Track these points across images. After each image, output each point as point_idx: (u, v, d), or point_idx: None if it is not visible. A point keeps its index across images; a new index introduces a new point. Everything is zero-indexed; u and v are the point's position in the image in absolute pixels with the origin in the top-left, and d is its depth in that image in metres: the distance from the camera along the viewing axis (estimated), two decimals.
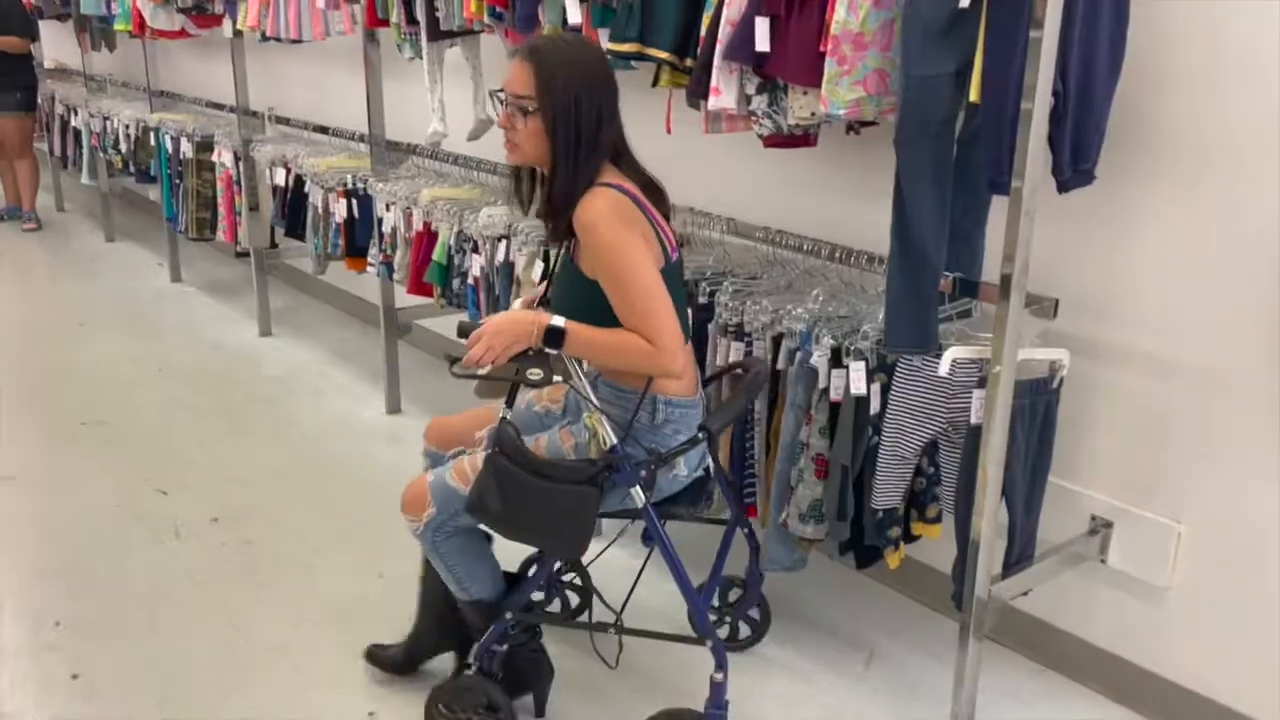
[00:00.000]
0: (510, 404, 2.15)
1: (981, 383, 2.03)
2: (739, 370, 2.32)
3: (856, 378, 2.19)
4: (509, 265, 3.18)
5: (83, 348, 4.62)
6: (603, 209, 1.92)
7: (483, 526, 2.10)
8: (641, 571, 2.36)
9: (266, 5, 3.93)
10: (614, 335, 1.94)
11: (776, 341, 2.36)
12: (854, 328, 2.25)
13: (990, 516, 2.02)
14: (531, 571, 2.40)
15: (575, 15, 2.55)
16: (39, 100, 6.76)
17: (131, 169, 5.76)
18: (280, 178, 4.33)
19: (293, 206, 4.30)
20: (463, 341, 1.96)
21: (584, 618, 2.57)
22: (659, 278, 1.94)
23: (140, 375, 4.30)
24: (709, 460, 2.17)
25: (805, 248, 2.46)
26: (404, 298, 3.78)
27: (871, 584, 2.82)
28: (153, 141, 5.34)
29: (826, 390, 2.24)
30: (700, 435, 2.05)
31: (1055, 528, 2.34)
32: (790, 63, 2.13)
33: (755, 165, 2.90)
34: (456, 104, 3.42)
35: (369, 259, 3.89)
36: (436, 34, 3.20)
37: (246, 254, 4.79)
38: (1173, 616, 2.27)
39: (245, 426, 3.81)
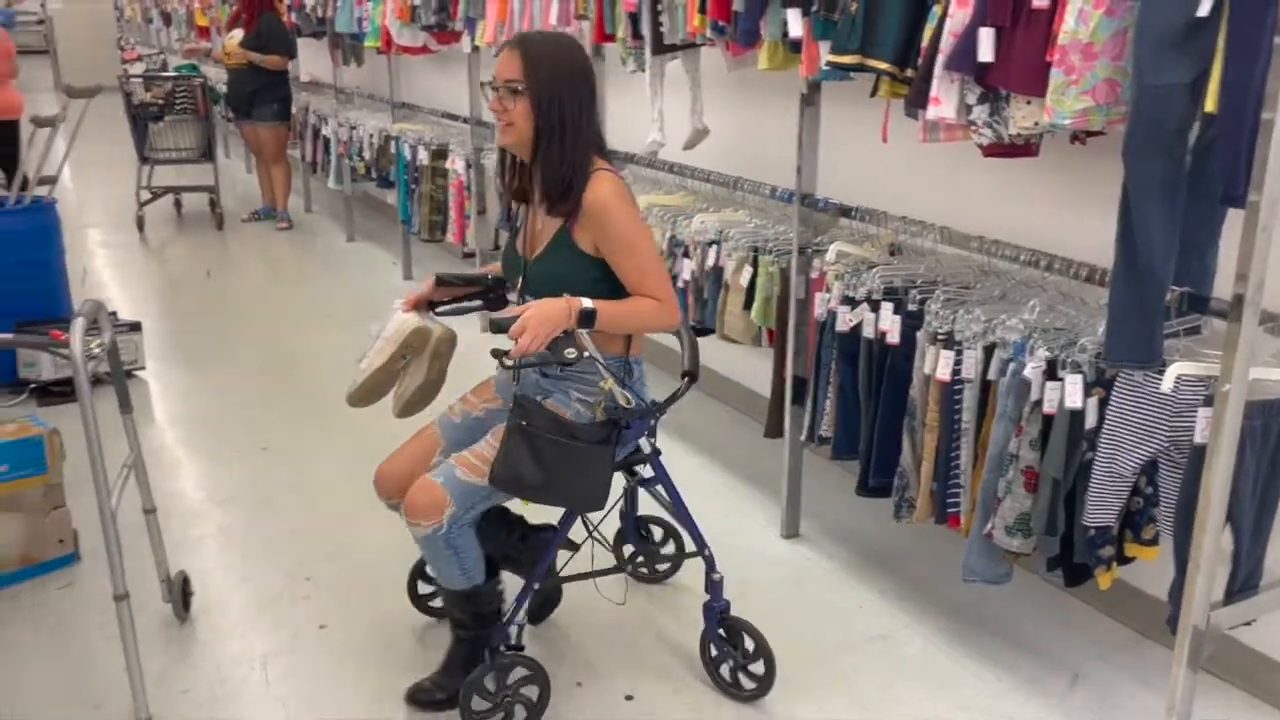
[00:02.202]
0: (517, 380, 2.28)
1: (1208, 401, 1.97)
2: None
3: (1072, 390, 2.16)
4: (718, 270, 3.29)
5: (327, 335, 5.08)
6: (612, 190, 2.15)
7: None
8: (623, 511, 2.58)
9: (503, 22, 4.21)
10: (631, 303, 2.17)
11: (988, 351, 2.36)
12: (1071, 340, 2.23)
13: (1212, 541, 1.95)
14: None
15: (797, 28, 2.63)
16: (293, 111, 7.43)
17: (373, 175, 6.27)
18: None
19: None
20: (500, 336, 2.09)
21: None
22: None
23: None
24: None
25: (1022, 258, 2.43)
26: None
27: (1078, 604, 2.75)
28: (393, 149, 5.80)
29: (1039, 402, 2.22)
30: (686, 381, 2.32)
31: None
32: (1014, 73, 2.13)
33: (970, 174, 2.88)
34: (674, 115, 3.57)
35: None
36: (660, 48, 3.35)
37: (473, 254, 5.13)
38: None
39: None
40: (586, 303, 2.09)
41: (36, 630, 2.66)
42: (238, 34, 7.04)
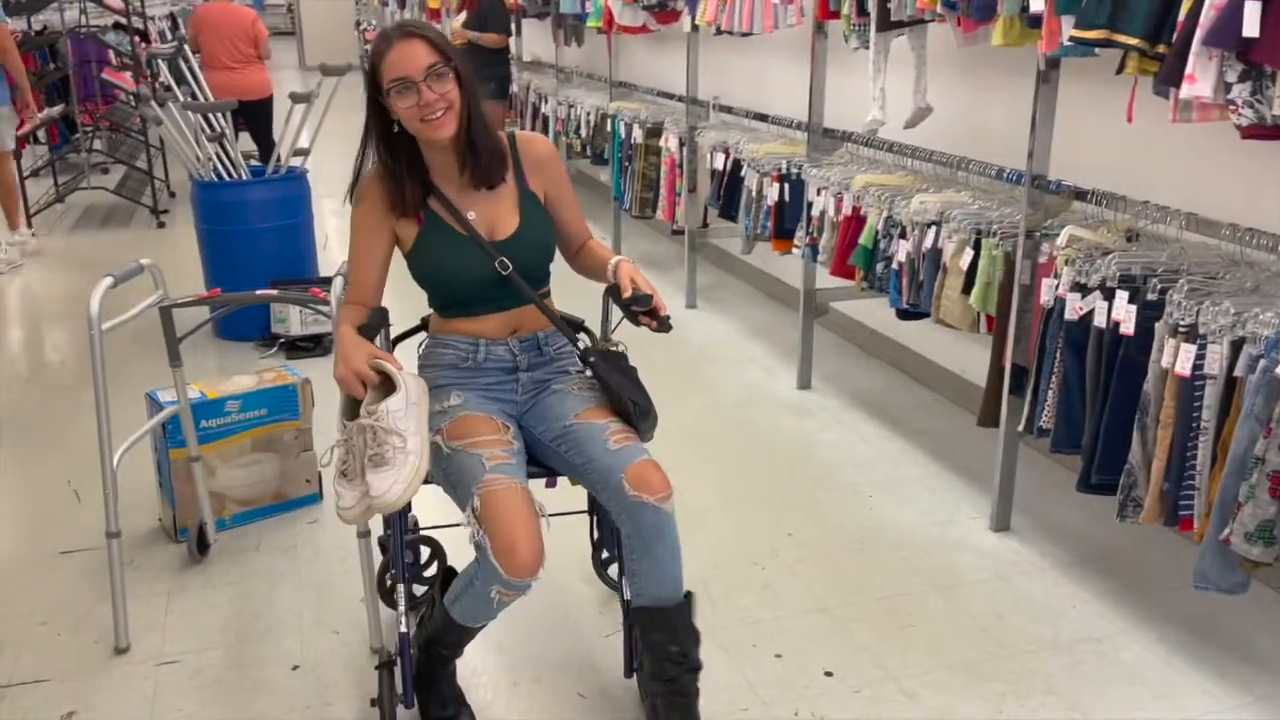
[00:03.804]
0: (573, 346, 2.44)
1: None
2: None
3: None
4: (937, 252, 3.22)
5: None
6: (547, 141, 2.36)
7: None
8: None
9: (724, 2, 4.24)
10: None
11: (1235, 346, 2.21)
12: None
13: None
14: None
15: (1038, 2, 2.53)
16: (513, 89, 7.71)
17: (588, 152, 6.45)
18: (719, 162, 4.66)
19: (728, 189, 4.62)
20: (637, 316, 2.20)
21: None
22: None
23: None
24: None
25: None
26: (822, 280, 3.95)
27: None
28: (609, 127, 5.95)
29: None
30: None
31: None
32: None
33: (1223, 157, 2.70)
34: (894, 92, 3.50)
35: (794, 241, 4.09)
36: (886, 25, 3.30)
37: (681, 232, 5.22)
38: None
39: (671, 388, 4.18)
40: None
41: (287, 559, 2.95)
42: (464, 16, 7.38)
